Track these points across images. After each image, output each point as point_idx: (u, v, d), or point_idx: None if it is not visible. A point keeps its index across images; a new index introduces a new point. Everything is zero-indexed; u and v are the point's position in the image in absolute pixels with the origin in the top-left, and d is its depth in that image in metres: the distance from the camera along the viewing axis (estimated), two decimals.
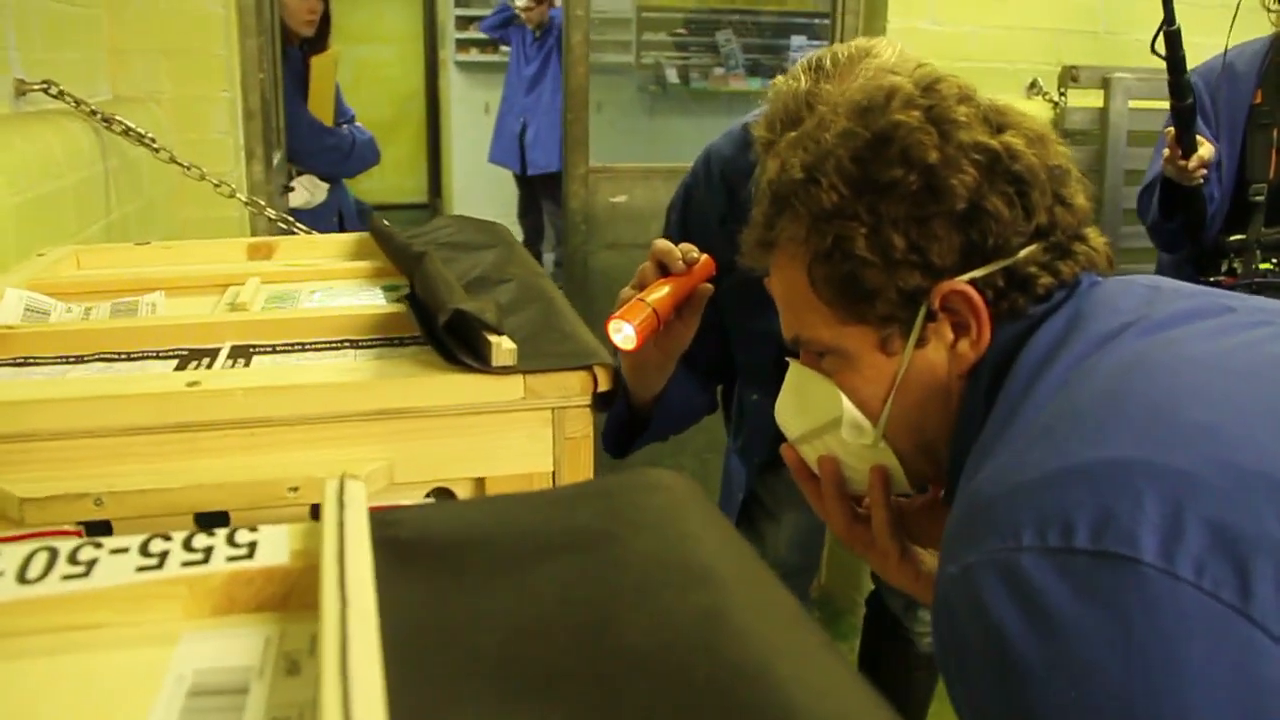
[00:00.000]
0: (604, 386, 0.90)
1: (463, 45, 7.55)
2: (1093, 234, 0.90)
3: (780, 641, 0.48)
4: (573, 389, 0.89)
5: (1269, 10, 2.13)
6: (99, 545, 0.56)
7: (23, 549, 0.55)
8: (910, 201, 0.84)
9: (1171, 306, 0.83)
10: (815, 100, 1.29)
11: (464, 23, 7.52)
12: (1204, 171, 2.05)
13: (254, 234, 2.54)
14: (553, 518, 0.59)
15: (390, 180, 3.05)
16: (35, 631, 0.51)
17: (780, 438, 1.83)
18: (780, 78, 1.39)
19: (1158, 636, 0.61)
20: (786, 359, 1.02)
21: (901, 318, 0.87)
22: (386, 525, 0.57)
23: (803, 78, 1.33)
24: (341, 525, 0.54)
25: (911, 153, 0.84)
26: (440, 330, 0.87)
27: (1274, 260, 2.07)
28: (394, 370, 0.89)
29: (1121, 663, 0.61)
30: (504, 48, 7.16)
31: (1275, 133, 2.14)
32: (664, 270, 1.35)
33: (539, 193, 6.15)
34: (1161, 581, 0.61)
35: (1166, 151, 2.06)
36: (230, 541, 0.57)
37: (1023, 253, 0.85)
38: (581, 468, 0.91)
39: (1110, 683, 0.62)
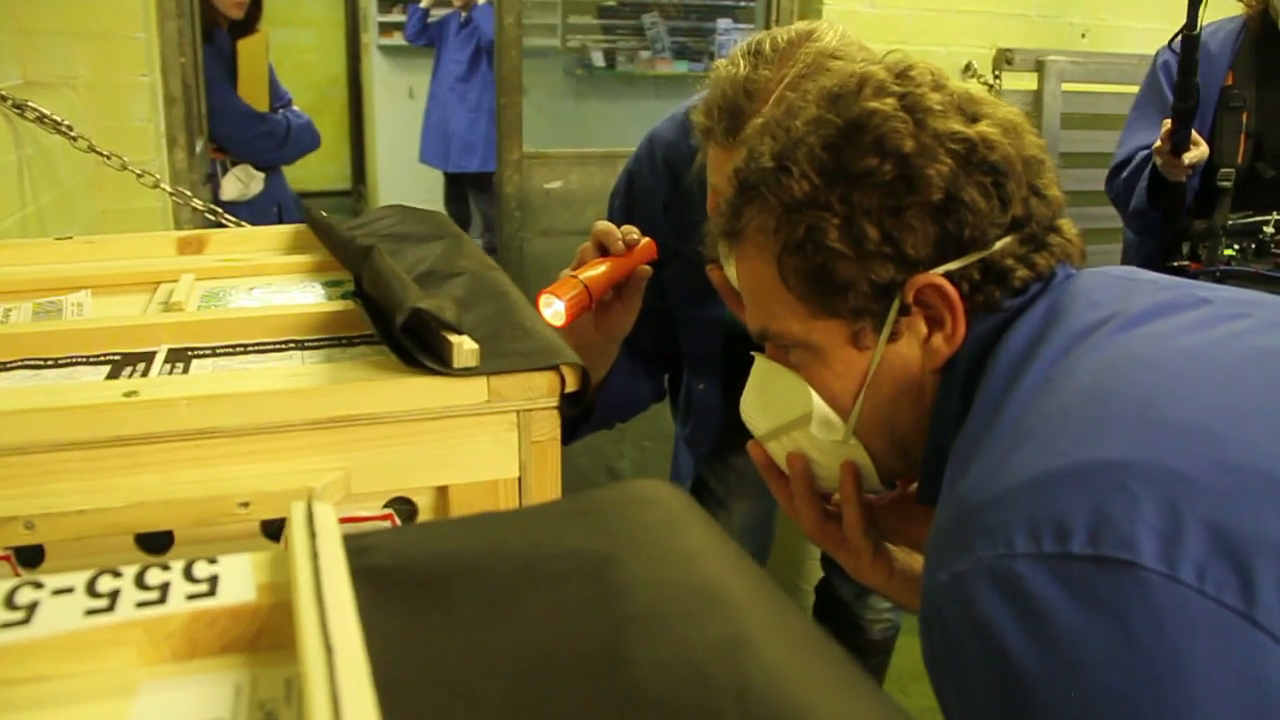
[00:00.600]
0: (572, 386, 0.85)
1: (386, 29, 7.42)
2: (1066, 225, 0.88)
3: (812, 674, 0.45)
4: (539, 390, 0.85)
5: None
6: (39, 586, 0.50)
7: None
8: (884, 191, 0.82)
9: (1148, 299, 0.81)
10: (754, 86, 1.26)
11: (387, 6, 7.38)
12: (1192, 170, 2.07)
13: (178, 226, 2.44)
14: (542, 540, 0.54)
15: (313, 167, 2.95)
16: None
17: (728, 426, 1.82)
18: (720, 62, 1.36)
19: (1161, 642, 0.59)
20: (752, 353, 0.99)
21: (874, 311, 0.85)
22: (361, 553, 0.52)
23: (741, 63, 1.30)
24: (315, 556, 0.48)
25: (886, 141, 0.82)
26: (397, 331, 0.82)
27: (1236, 247, 2.08)
28: (348, 374, 0.83)
29: (1124, 670, 0.59)
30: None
31: (1245, 116, 2.16)
32: (604, 251, 1.33)
33: (465, 183, 6.10)
34: (1163, 586, 0.59)
35: (1158, 143, 2.07)
36: (188, 576, 0.51)
37: (998, 245, 0.83)
38: (549, 473, 0.87)
39: (1113, 690, 0.60)
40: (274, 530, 0.84)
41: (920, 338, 0.85)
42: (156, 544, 0.81)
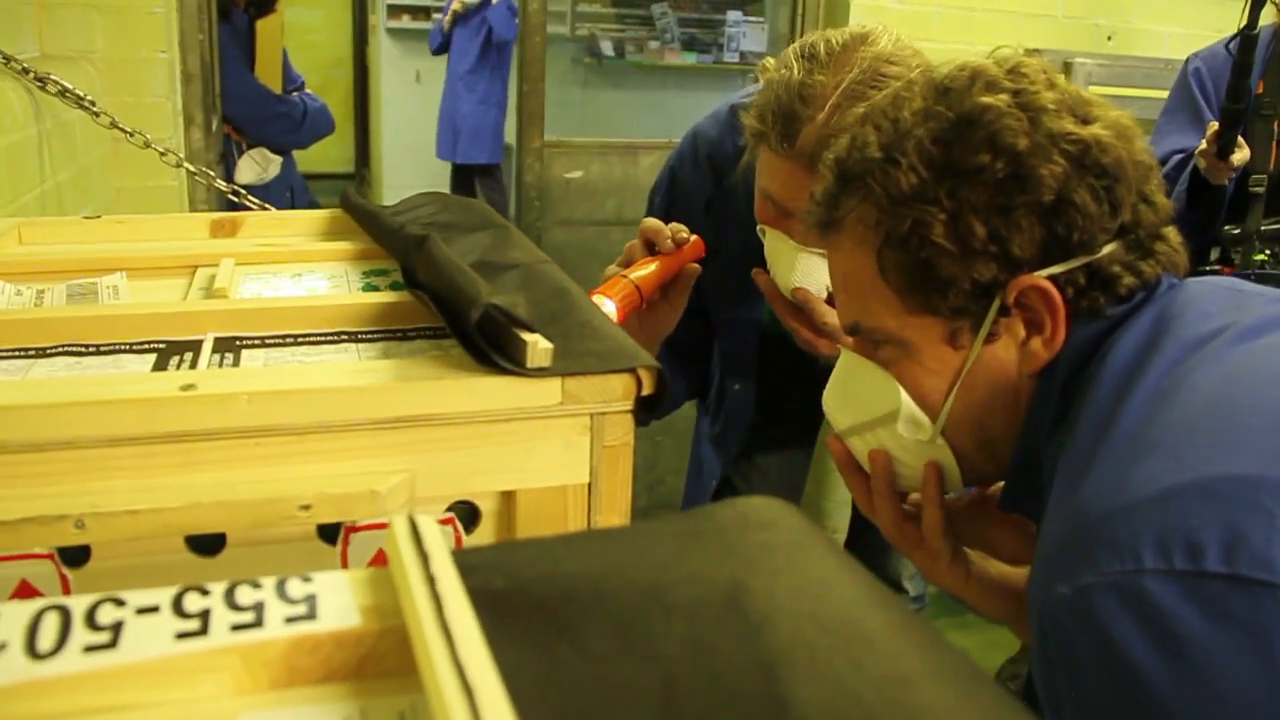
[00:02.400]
0: (648, 390, 0.81)
1: (394, 11, 7.36)
2: (1171, 233, 0.86)
3: (976, 715, 0.41)
4: (614, 393, 0.80)
5: (1274, 3, 2.12)
6: (120, 603, 0.46)
7: (24, 611, 0.45)
8: (995, 189, 0.80)
9: (1262, 311, 0.81)
10: (809, 92, 1.23)
11: None
12: (1234, 174, 2.06)
13: (193, 205, 2.40)
14: (665, 563, 0.50)
15: (316, 150, 2.91)
16: (55, 719, 0.41)
17: (758, 427, 1.79)
18: (770, 62, 1.32)
19: None
20: (839, 347, 0.96)
21: (973, 310, 0.84)
22: (470, 572, 0.47)
23: (795, 66, 1.26)
24: (432, 580, 0.44)
25: (1000, 138, 0.80)
26: (471, 328, 0.77)
27: (1269, 252, 2.06)
28: (414, 372, 0.79)
29: (1266, 690, 0.58)
30: (436, 14, 7.02)
31: (1276, 124, 2.15)
32: (652, 249, 1.30)
33: (474, 171, 6.10)
34: None
35: (1204, 145, 2.05)
36: (282, 595, 0.47)
37: (1106, 250, 0.82)
38: (620, 479, 0.82)
39: (1253, 712, 0.58)
40: (329, 533, 0.79)
41: (1018, 340, 0.84)
42: (209, 546, 0.77)
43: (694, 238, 1.30)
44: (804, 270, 1.29)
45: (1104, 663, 0.63)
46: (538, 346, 0.77)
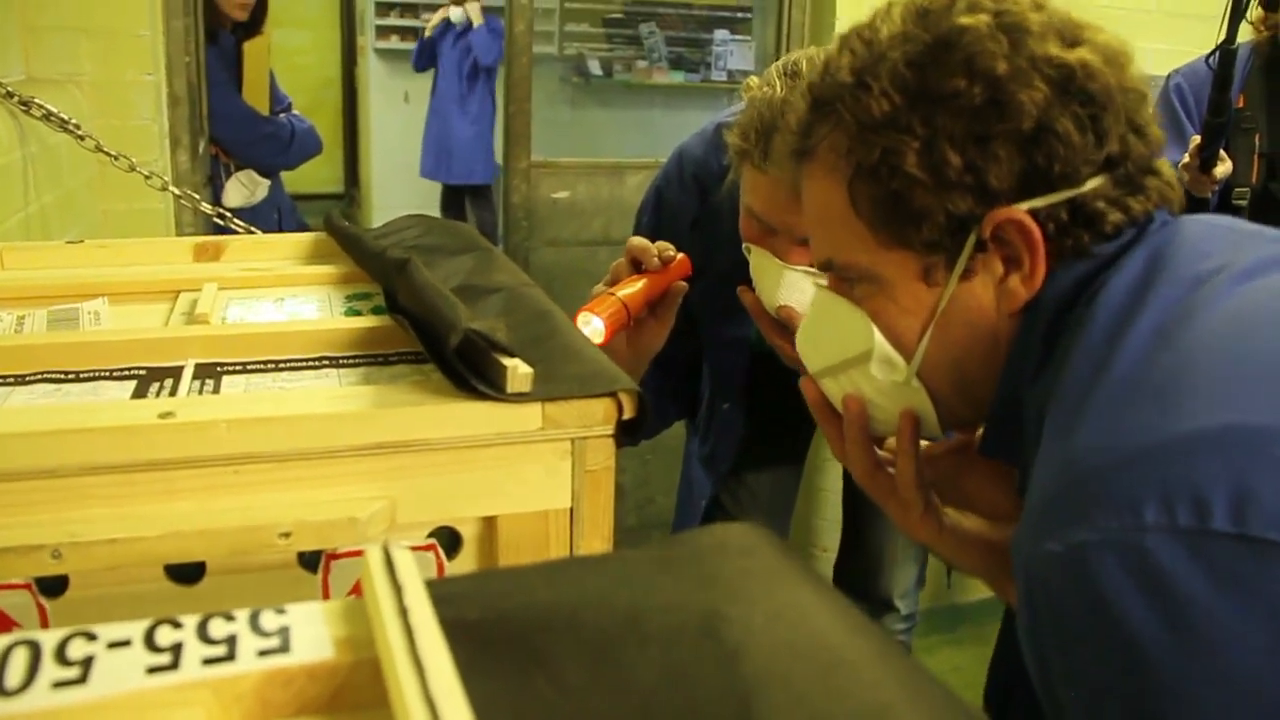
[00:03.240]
0: (629, 414, 0.81)
1: (383, 32, 7.38)
2: (1164, 166, 0.82)
3: None
4: (595, 417, 0.80)
5: (1251, 24, 2.15)
6: (92, 637, 0.45)
7: None
8: (971, 116, 0.76)
9: (1262, 250, 0.75)
10: (791, 109, 1.24)
11: (384, 9, 7.34)
12: (1217, 187, 2.07)
13: (179, 228, 2.39)
14: (640, 591, 0.49)
15: (305, 170, 2.91)
16: None
17: (747, 444, 1.79)
18: (754, 80, 1.33)
19: None
20: (815, 285, 0.94)
21: (948, 245, 0.79)
22: (445, 602, 0.47)
23: (778, 84, 1.27)
24: (405, 611, 0.44)
25: (977, 62, 0.76)
26: (450, 353, 0.77)
27: None
28: (394, 398, 0.79)
29: (1274, 662, 0.55)
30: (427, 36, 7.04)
31: (1257, 138, 2.16)
32: (638, 268, 1.30)
33: (464, 191, 6.12)
34: None
35: (1186, 158, 2.06)
36: (255, 628, 0.47)
37: (1090, 184, 0.77)
38: (602, 503, 0.82)
39: (1261, 683, 0.55)
40: (310, 560, 0.79)
41: (996, 278, 0.80)
42: (188, 574, 0.77)
43: (680, 255, 1.31)
44: (789, 288, 1.29)
45: (1098, 627, 0.59)
46: (518, 371, 0.77)
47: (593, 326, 1.13)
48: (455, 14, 5.84)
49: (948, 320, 0.81)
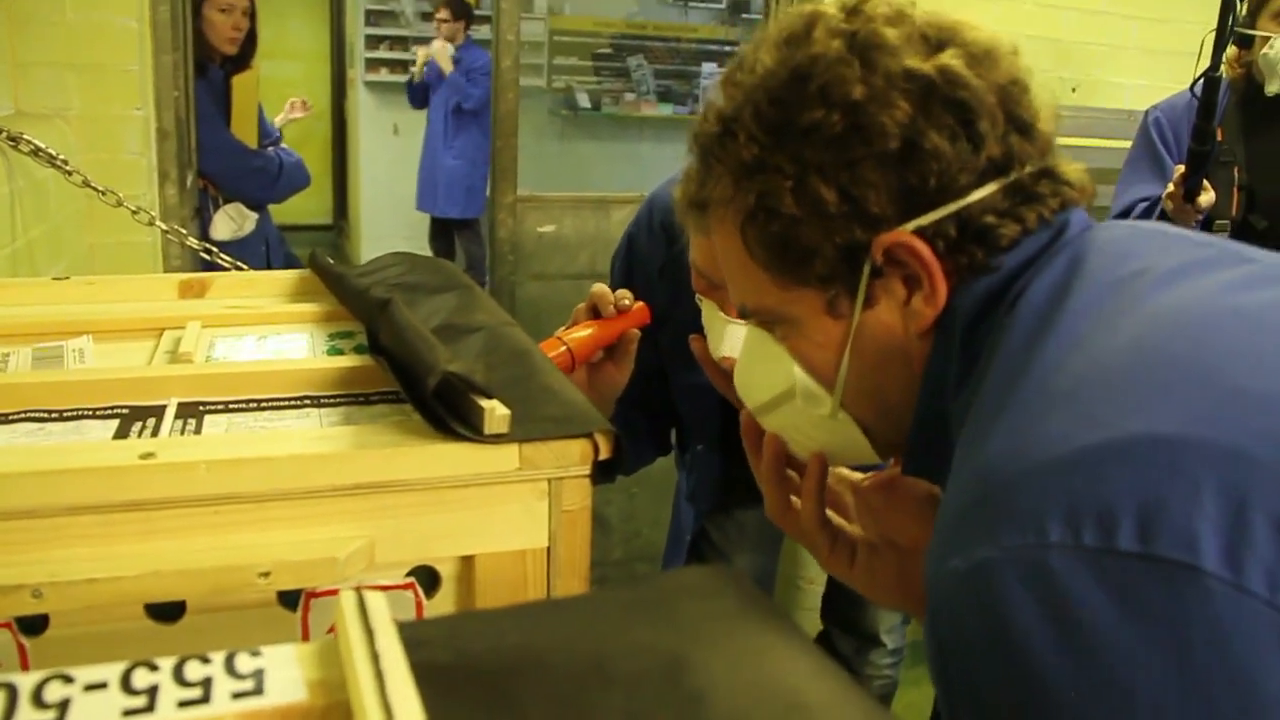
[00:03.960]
0: (605, 454, 0.82)
1: (372, 65, 7.42)
2: (1064, 166, 0.78)
3: None
4: (572, 458, 0.81)
5: (1226, 63, 2.19)
6: (69, 680, 0.46)
7: None
8: (836, 146, 0.74)
9: (1187, 254, 0.73)
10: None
11: (374, 42, 7.38)
12: (1200, 217, 2.10)
13: (167, 261, 2.41)
14: (609, 634, 0.51)
15: (295, 201, 2.93)
16: None
17: (729, 482, 1.80)
18: None
19: (1225, 664, 0.51)
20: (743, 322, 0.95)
21: (845, 276, 0.77)
22: (417, 646, 0.48)
23: None
24: (376, 656, 0.45)
25: (831, 90, 0.74)
26: (428, 395, 0.78)
27: None
28: (373, 438, 0.80)
29: (1179, 696, 0.51)
30: (413, 69, 7.10)
31: (1236, 170, 2.20)
32: (597, 313, 1.32)
33: (451, 223, 6.16)
34: (1228, 597, 0.51)
35: (1170, 188, 2.09)
36: (231, 670, 0.48)
37: (976, 195, 0.74)
38: (579, 543, 0.83)
39: (1159, 715, 0.52)
40: (290, 599, 0.80)
41: (899, 301, 0.77)
42: (168, 613, 0.77)
43: (638, 305, 1.33)
44: (732, 341, 1.30)
45: (997, 648, 0.56)
46: (495, 413, 0.79)
47: None
48: (436, 47, 5.91)
49: (860, 349, 0.80)
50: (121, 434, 0.86)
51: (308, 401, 0.93)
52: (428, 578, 0.83)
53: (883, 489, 0.94)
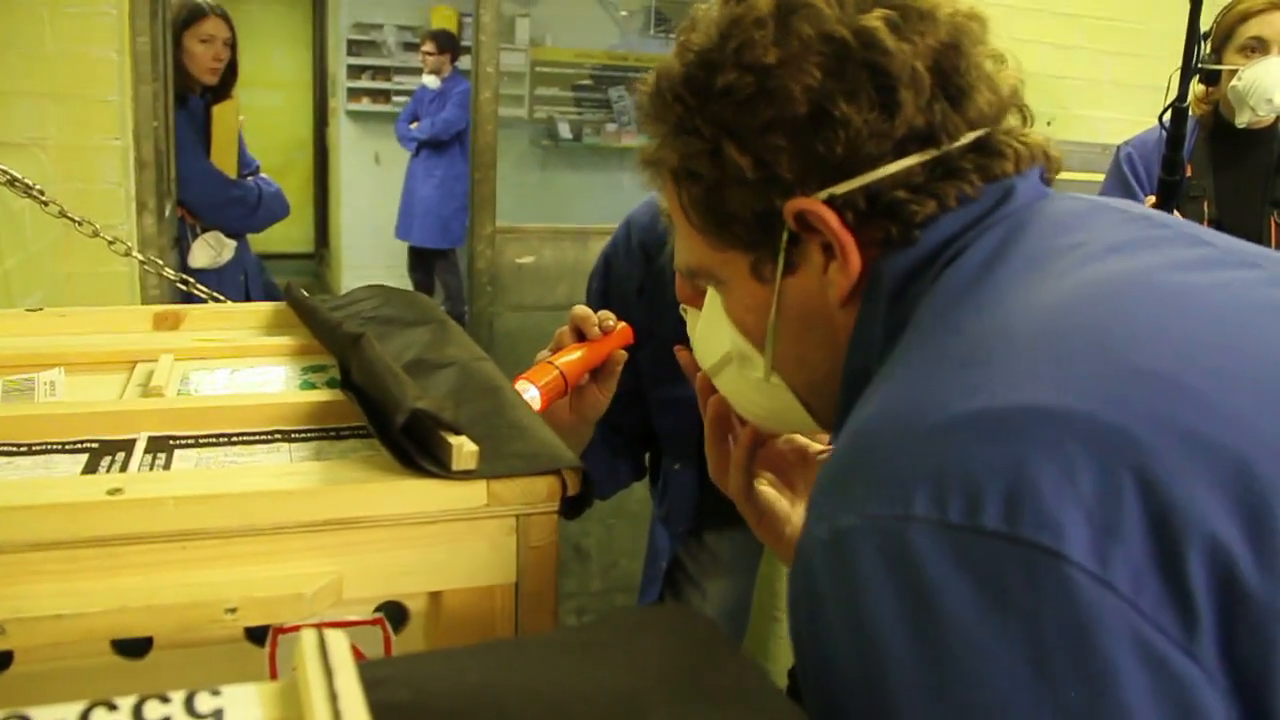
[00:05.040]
0: (573, 491, 0.83)
1: (354, 94, 7.45)
2: (1002, 137, 0.74)
3: None
4: (540, 494, 0.82)
5: (1195, 100, 2.23)
6: None
7: None
8: (747, 110, 0.72)
9: (1140, 232, 0.69)
10: None
11: (356, 71, 7.41)
12: None
13: (145, 290, 2.41)
14: (567, 673, 0.51)
15: (276, 229, 2.93)
16: None
17: (704, 506, 1.80)
18: None
19: (1081, 664, 0.47)
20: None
21: (765, 241, 0.76)
22: (377, 685, 0.49)
23: None
24: (335, 696, 0.45)
25: (744, 52, 0.72)
26: (396, 431, 0.79)
27: None
28: (341, 474, 0.80)
29: (1030, 693, 0.48)
30: (396, 98, 7.14)
31: (1205, 204, 2.25)
32: (581, 336, 1.32)
33: (430, 253, 6.18)
34: (1092, 590, 0.47)
35: None
36: (190, 710, 0.48)
37: (890, 168, 0.71)
38: (547, 579, 0.84)
39: (1005, 713, 0.48)
40: (258, 634, 0.80)
41: (818, 269, 0.75)
42: (134, 649, 0.77)
43: (621, 325, 1.33)
44: None
45: (849, 620, 0.53)
46: (463, 449, 0.79)
47: (530, 394, 1.16)
48: (429, 81, 5.93)
49: (785, 315, 0.79)
50: (90, 468, 0.86)
51: (278, 436, 0.94)
52: (396, 613, 0.83)
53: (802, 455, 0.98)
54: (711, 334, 0.89)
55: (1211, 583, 0.47)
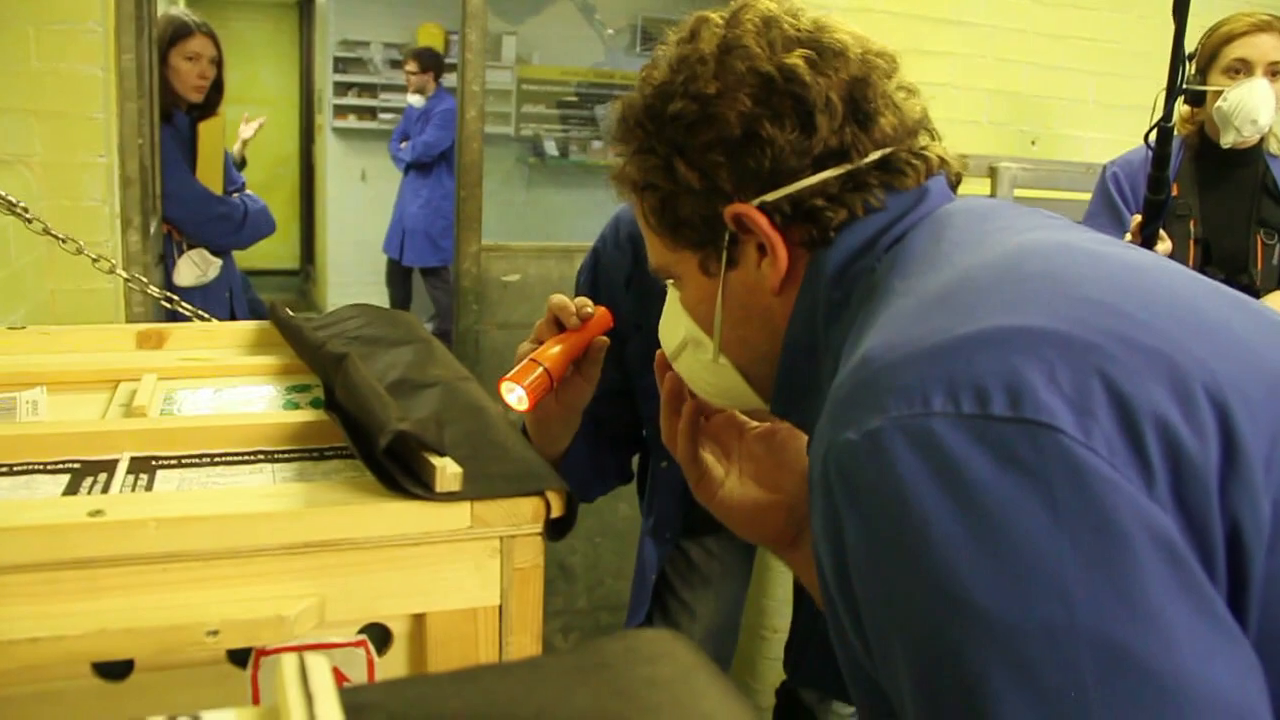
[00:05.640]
0: (557, 512, 0.83)
1: (340, 111, 7.44)
2: (903, 156, 0.87)
3: None
4: (523, 516, 0.82)
5: (1180, 121, 2.24)
6: None
7: None
8: (691, 131, 0.88)
9: (1042, 219, 0.86)
10: None
11: (342, 89, 7.41)
12: None
13: (129, 307, 2.39)
14: (550, 699, 0.51)
15: (261, 245, 2.92)
16: None
17: (691, 512, 1.80)
18: None
19: (1083, 498, 0.60)
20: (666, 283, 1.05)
21: (710, 241, 0.91)
22: (358, 711, 0.48)
23: None
24: None
25: (690, 85, 0.88)
26: (379, 453, 0.79)
27: None
28: (324, 496, 0.80)
29: (1046, 530, 0.59)
30: (382, 115, 7.15)
31: (1192, 224, 2.25)
32: (560, 326, 1.32)
33: (411, 270, 6.19)
34: (1082, 452, 0.60)
35: (1129, 237, 2.13)
36: None
37: (810, 180, 0.85)
38: (531, 600, 0.84)
39: (1035, 547, 0.59)
40: (240, 656, 0.80)
41: (754, 264, 0.90)
42: (115, 671, 0.77)
43: (600, 310, 1.32)
44: None
45: (890, 502, 0.63)
46: (446, 471, 0.79)
47: (516, 394, 1.15)
48: (414, 100, 5.93)
49: (729, 304, 0.92)
50: (72, 489, 0.86)
51: (261, 456, 0.93)
52: (379, 635, 0.83)
53: (764, 438, 1.09)
54: (670, 323, 1.02)
55: (1161, 447, 0.61)
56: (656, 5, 6.32)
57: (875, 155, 0.86)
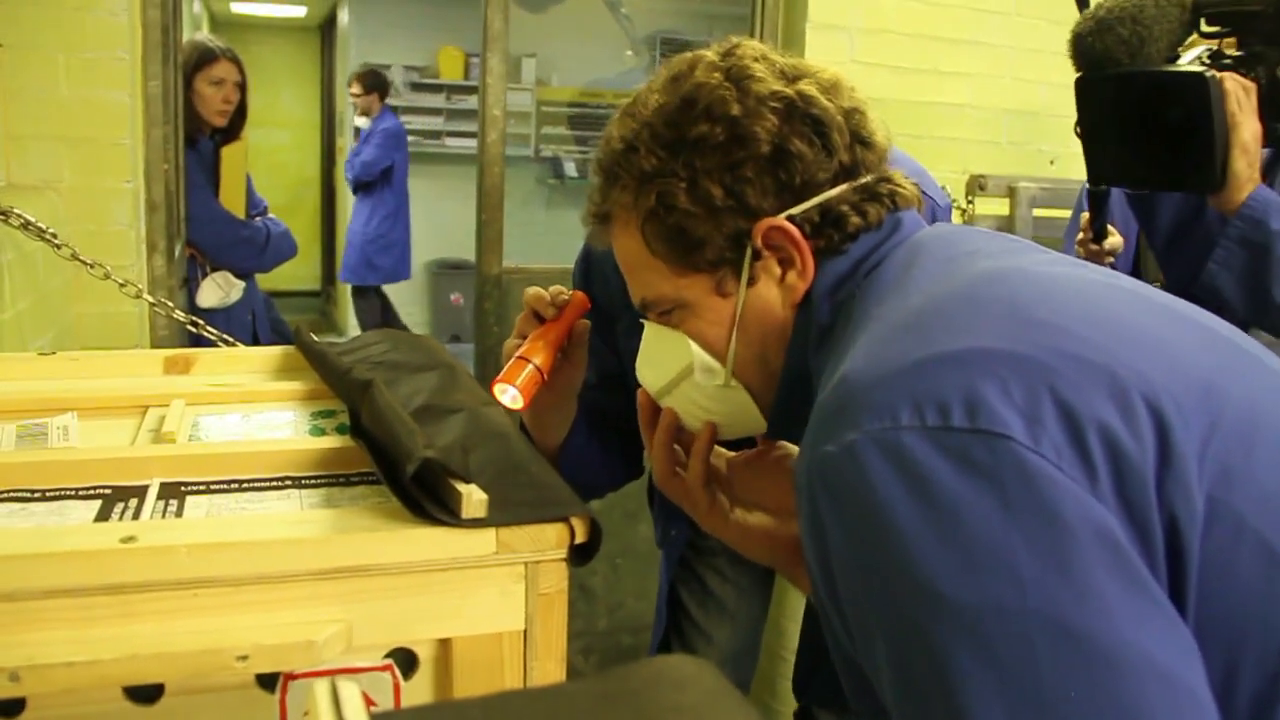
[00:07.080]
0: (581, 538, 0.83)
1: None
2: (898, 176, 0.97)
3: None
4: (548, 542, 0.83)
5: None
6: None
7: None
8: (720, 152, 0.92)
9: (1007, 244, 0.93)
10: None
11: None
12: (1112, 259, 2.13)
13: (154, 330, 2.42)
14: None
15: (284, 267, 2.96)
16: None
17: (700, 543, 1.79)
18: None
19: (1034, 499, 0.67)
20: (641, 320, 1.05)
21: (730, 260, 0.94)
22: None
23: None
24: None
25: (714, 108, 0.92)
26: (406, 480, 0.80)
27: None
28: (352, 522, 0.81)
29: (1002, 527, 0.66)
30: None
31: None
32: (540, 319, 1.32)
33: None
34: (1032, 458, 0.67)
35: (1080, 234, 2.13)
36: None
37: (833, 191, 0.93)
38: (555, 625, 0.84)
39: (992, 541, 0.66)
40: (268, 681, 0.81)
41: (776, 278, 0.94)
42: (146, 695, 0.78)
43: (575, 295, 1.33)
44: None
45: (866, 506, 0.70)
46: (472, 498, 0.80)
47: (510, 394, 1.17)
48: (360, 122, 6.05)
49: (745, 323, 0.96)
50: (103, 515, 0.87)
51: (289, 482, 0.94)
52: (405, 660, 0.83)
53: (751, 462, 1.11)
54: (660, 357, 1.03)
55: (1103, 450, 0.68)
56: (677, 23, 6.36)
57: (873, 176, 0.94)
